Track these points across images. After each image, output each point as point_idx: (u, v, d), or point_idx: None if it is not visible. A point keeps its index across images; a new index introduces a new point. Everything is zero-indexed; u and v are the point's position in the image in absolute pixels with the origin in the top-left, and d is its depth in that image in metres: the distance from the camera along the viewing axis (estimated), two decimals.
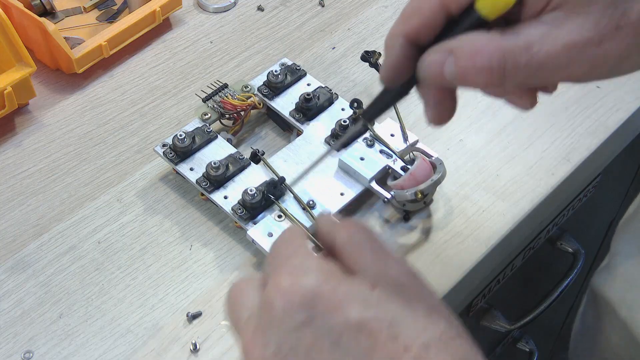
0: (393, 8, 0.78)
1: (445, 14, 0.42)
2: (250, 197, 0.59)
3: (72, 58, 0.68)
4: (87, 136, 0.68)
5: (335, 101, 0.66)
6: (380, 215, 0.62)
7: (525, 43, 0.41)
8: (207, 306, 0.58)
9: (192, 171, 0.62)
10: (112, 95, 0.71)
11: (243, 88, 0.67)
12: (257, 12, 0.78)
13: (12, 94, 0.65)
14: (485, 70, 0.41)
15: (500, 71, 0.41)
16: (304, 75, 0.68)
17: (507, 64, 0.41)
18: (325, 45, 0.75)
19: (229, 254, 0.60)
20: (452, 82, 0.42)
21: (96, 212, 0.63)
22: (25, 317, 0.57)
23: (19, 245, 0.61)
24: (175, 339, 0.56)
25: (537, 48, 0.41)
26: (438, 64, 0.42)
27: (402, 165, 0.61)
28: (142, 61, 0.74)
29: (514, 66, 0.41)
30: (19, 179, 0.65)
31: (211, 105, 0.65)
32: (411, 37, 0.43)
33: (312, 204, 0.59)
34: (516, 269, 0.78)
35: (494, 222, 0.62)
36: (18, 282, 0.59)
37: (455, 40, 0.42)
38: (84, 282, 0.59)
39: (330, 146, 0.64)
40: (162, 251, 0.61)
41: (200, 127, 0.64)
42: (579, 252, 0.89)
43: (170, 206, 0.63)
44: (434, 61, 0.42)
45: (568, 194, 0.76)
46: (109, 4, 0.78)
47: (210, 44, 0.75)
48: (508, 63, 0.41)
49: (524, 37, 0.41)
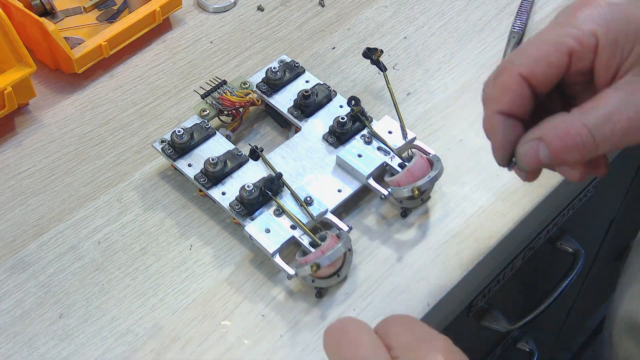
0: (393, 8, 0.78)
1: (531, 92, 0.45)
2: (247, 193, 0.59)
3: (72, 58, 0.68)
4: (87, 136, 0.68)
5: (333, 98, 0.67)
6: (378, 212, 0.62)
7: (605, 114, 0.43)
8: (207, 306, 0.58)
9: (190, 167, 0.62)
10: (112, 95, 0.71)
11: (242, 85, 0.67)
12: (257, 12, 0.78)
13: (12, 94, 0.65)
14: (578, 148, 0.43)
15: (591, 145, 0.43)
16: (302, 72, 0.68)
17: (595, 138, 0.43)
18: (325, 45, 0.75)
19: (229, 253, 0.60)
20: (549, 165, 0.44)
21: (96, 212, 0.63)
22: (25, 317, 0.57)
23: (19, 245, 0.61)
24: (175, 339, 0.56)
25: (617, 117, 0.43)
26: (533, 153, 0.44)
27: (400, 162, 0.61)
28: (142, 61, 0.74)
29: (602, 138, 0.43)
30: (19, 179, 0.65)
31: (210, 101, 0.65)
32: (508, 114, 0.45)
33: (309, 201, 0.59)
34: (516, 269, 0.78)
35: (494, 222, 0.62)
36: (18, 282, 0.59)
37: (541, 127, 0.44)
38: (84, 282, 0.59)
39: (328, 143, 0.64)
40: (162, 251, 0.61)
41: (198, 124, 0.64)
42: (579, 252, 0.89)
43: (170, 206, 0.63)
44: (527, 152, 0.44)
45: (568, 194, 0.76)
46: (109, 4, 0.78)
47: (210, 44, 0.75)
48: (596, 137, 0.43)
49: (603, 108, 0.43)
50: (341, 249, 0.56)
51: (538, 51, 0.44)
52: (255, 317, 0.57)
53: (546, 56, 0.44)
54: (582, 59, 0.44)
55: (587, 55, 0.44)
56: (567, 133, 0.43)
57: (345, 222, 0.60)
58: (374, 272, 0.59)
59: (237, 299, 0.58)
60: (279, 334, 0.56)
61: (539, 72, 0.44)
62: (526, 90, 0.45)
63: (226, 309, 0.57)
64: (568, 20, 0.44)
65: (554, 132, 0.44)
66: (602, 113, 0.43)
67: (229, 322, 0.57)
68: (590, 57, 0.44)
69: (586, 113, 0.43)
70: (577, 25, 0.44)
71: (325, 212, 0.59)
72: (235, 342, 0.56)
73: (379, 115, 0.67)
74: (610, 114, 0.43)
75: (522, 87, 0.44)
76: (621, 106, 0.43)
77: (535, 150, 0.44)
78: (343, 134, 0.64)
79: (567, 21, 0.44)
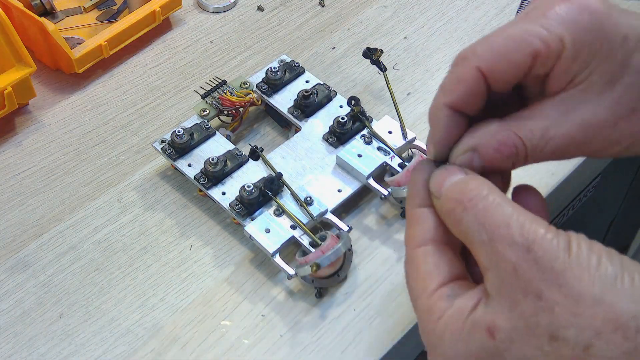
0: (393, 8, 0.78)
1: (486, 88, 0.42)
2: (247, 193, 0.59)
3: (72, 58, 0.68)
4: (87, 136, 0.68)
5: (333, 98, 0.67)
6: (378, 212, 0.62)
7: (542, 128, 0.41)
8: (207, 306, 0.58)
9: (190, 167, 0.62)
10: (112, 95, 0.71)
11: (242, 85, 0.67)
12: (257, 12, 0.78)
13: (12, 94, 0.65)
14: (510, 158, 0.41)
15: (523, 156, 0.41)
16: (302, 72, 0.68)
17: (528, 150, 0.41)
18: (325, 45, 0.75)
19: (229, 253, 0.60)
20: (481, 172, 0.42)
21: (96, 212, 0.63)
22: (25, 317, 0.57)
23: (19, 245, 0.61)
24: (175, 339, 0.56)
25: (553, 132, 0.41)
26: (467, 162, 0.42)
27: (400, 162, 0.61)
28: (142, 61, 0.74)
29: (534, 150, 0.41)
30: (19, 179, 0.65)
31: (210, 101, 0.65)
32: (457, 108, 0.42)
33: (309, 201, 0.59)
34: None
35: None
36: (18, 282, 0.59)
37: (476, 135, 0.42)
38: (84, 282, 0.59)
39: (328, 143, 0.64)
40: (162, 251, 0.61)
41: (198, 124, 0.64)
42: None
43: (170, 206, 0.63)
44: (462, 161, 0.42)
45: (568, 194, 0.76)
46: (109, 4, 0.78)
47: (210, 44, 0.75)
48: (529, 149, 0.41)
49: (540, 119, 0.41)
50: (341, 249, 0.56)
51: (502, 47, 0.41)
52: (255, 317, 0.57)
53: (509, 53, 0.40)
54: (544, 65, 0.41)
55: (550, 61, 0.41)
56: (503, 144, 0.41)
57: (345, 222, 0.60)
58: (374, 272, 0.59)
59: (237, 299, 0.58)
60: (279, 334, 0.56)
61: (499, 69, 0.41)
62: (481, 87, 0.41)
63: (226, 309, 0.57)
64: (539, 17, 0.41)
65: (488, 142, 0.41)
66: (539, 126, 0.41)
67: (229, 322, 0.57)
68: (552, 63, 0.41)
69: (522, 124, 0.41)
70: (547, 25, 0.40)
71: (325, 212, 0.59)
72: (235, 342, 0.56)
73: (379, 115, 0.67)
74: (547, 128, 0.41)
75: (478, 83, 0.41)
76: (559, 121, 0.41)
77: (470, 161, 0.42)
78: (343, 134, 0.64)
79: (538, 18, 0.41)
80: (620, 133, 0.41)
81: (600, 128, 0.41)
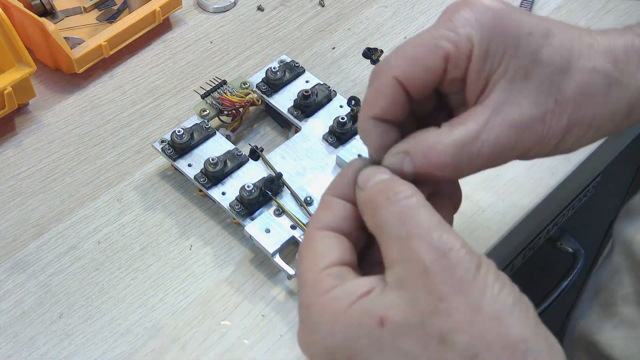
0: (393, 8, 0.78)
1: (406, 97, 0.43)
2: (247, 193, 0.59)
3: (72, 58, 0.68)
4: (87, 136, 0.68)
5: (333, 98, 0.67)
6: None
7: (473, 132, 0.41)
8: (207, 306, 0.58)
9: (190, 167, 0.62)
10: (112, 95, 0.71)
11: (242, 85, 0.67)
12: (257, 12, 0.78)
13: (12, 94, 0.65)
14: (442, 165, 0.42)
15: (456, 164, 0.42)
16: (302, 72, 0.68)
17: (460, 157, 0.41)
18: (325, 45, 0.75)
19: (229, 253, 0.60)
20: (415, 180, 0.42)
21: (96, 212, 0.63)
22: (25, 317, 0.57)
23: (19, 245, 0.61)
24: (175, 339, 0.56)
25: (485, 135, 0.41)
26: (398, 166, 0.42)
27: None
28: (142, 61, 0.74)
29: (468, 157, 0.41)
30: (19, 179, 0.65)
31: (210, 101, 0.65)
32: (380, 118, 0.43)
33: (309, 201, 0.59)
34: (516, 269, 0.78)
35: (494, 222, 0.62)
36: (18, 282, 0.59)
37: (409, 140, 0.43)
38: (84, 282, 0.59)
39: (328, 143, 0.64)
40: (162, 251, 0.61)
41: (198, 124, 0.64)
42: (579, 252, 0.89)
43: (170, 206, 0.63)
44: (393, 164, 0.43)
45: (568, 194, 0.76)
46: (109, 4, 0.78)
47: (210, 44, 0.75)
48: (462, 155, 0.41)
49: (471, 126, 0.42)
50: None
51: (414, 53, 0.42)
52: (255, 317, 0.57)
53: (422, 59, 0.42)
54: (457, 66, 0.42)
55: (462, 61, 0.42)
56: (433, 150, 0.42)
57: None
58: None
59: (237, 299, 0.58)
60: (279, 334, 0.56)
61: (414, 76, 0.42)
62: (401, 96, 0.42)
63: (226, 309, 0.57)
64: (446, 22, 0.43)
65: (420, 147, 0.42)
66: (470, 131, 0.41)
67: (229, 322, 0.57)
68: (464, 64, 0.42)
69: (454, 130, 0.42)
70: (455, 27, 0.42)
71: None
72: (235, 342, 0.56)
73: None
74: (478, 132, 0.41)
75: (397, 91, 0.42)
76: (489, 124, 0.41)
77: (401, 164, 0.42)
78: (343, 134, 0.64)
79: (445, 23, 0.43)
80: (549, 128, 0.42)
81: (531, 124, 0.42)
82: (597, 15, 0.77)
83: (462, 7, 0.43)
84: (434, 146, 0.42)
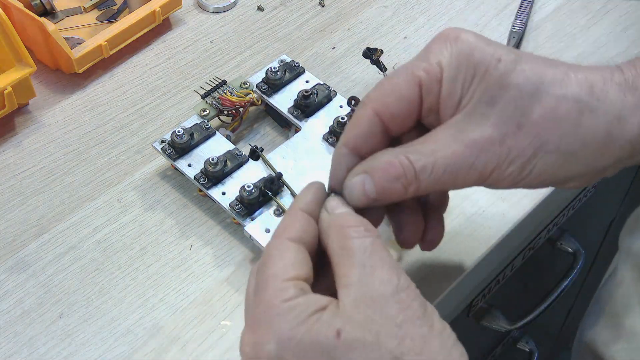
0: (393, 8, 0.78)
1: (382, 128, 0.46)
2: (247, 193, 0.59)
3: (72, 58, 0.69)
4: (87, 136, 0.68)
5: (333, 98, 0.67)
6: None
7: (431, 149, 0.44)
8: (207, 306, 0.58)
9: (190, 167, 0.62)
10: (112, 95, 0.71)
11: (242, 85, 0.67)
12: (257, 12, 0.78)
13: (12, 94, 0.65)
14: (399, 178, 0.44)
15: (412, 178, 0.44)
16: (302, 72, 0.68)
17: (416, 170, 0.43)
18: (325, 45, 0.75)
19: (229, 253, 0.60)
20: (375, 200, 0.45)
21: (96, 212, 0.63)
22: (25, 317, 0.57)
23: (19, 245, 0.61)
24: (175, 339, 0.56)
25: (441, 153, 0.43)
26: (359, 187, 0.44)
27: None
28: (142, 61, 0.74)
29: (423, 170, 0.43)
30: (19, 179, 0.65)
31: (210, 101, 0.65)
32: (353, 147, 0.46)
33: None
34: (516, 269, 0.78)
35: (494, 222, 0.62)
36: (18, 282, 0.59)
37: (368, 161, 0.45)
38: (84, 282, 0.59)
39: (328, 143, 0.64)
40: (162, 251, 0.61)
41: (198, 124, 0.64)
42: (579, 252, 0.89)
43: (170, 206, 0.63)
44: (354, 185, 0.45)
45: (568, 194, 0.76)
46: (109, 4, 0.78)
47: (210, 44, 0.75)
48: (417, 169, 0.43)
49: (430, 143, 0.44)
50: None
51: (390, 85, 0.45)
52: None
53: (398, 89, 0.45)
54: (430, 92, 0.45)
55: (434, 86, 0.44)
56: (390, 164, 0.44)
57: None
58: None
59: (237, 299, 0.58)
60: None
61: (391, 105, 0.45)
62: (376, 127, 0.45)
63: (226, 309, 0.57)
64: (420, 56, 0.46)
65: (378, 164, 0.44)
66: (427, 149, 0.44)
67: (229, 322, 0.57)
68: (436, 88, 0.44)
69: (411, 147, 0.44)
70: (427, 58, 0.45)
71: None
72: (235, 342, 0.56)
73: None
74: (434, 150, 0.43)
75: (373, 123, 0.45)
76: (446, 144, 0.43)
77: (362, 184, 0.44)
78: None
79: (419, 57, 0.46)
80: (509, 150, 0.43)
81: (488, 145, 0.43)
82: (597, 15, 0.77)
83: (436, 41, 0.45)
84: (391, 161, 0.44)
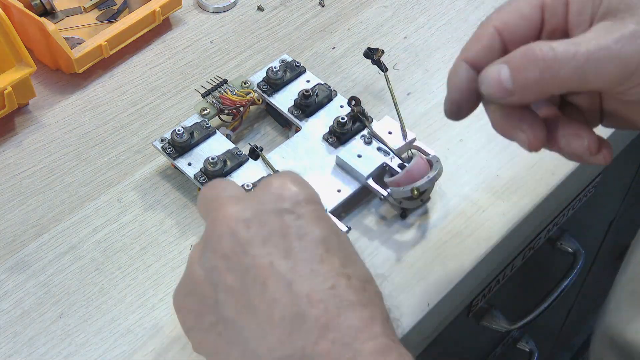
0: (393, 8, 0.78)
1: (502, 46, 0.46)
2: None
3: (72, 58, 0.69)
4: (87, 136, 0.68)
5: (334, 98, 0.67)
6: (377, 213, 0.62)
7: (574, 41, 0.43)
8: None
9: (190, 166, 0.62)
10: (112, 95, 0.71)
11: (242, 84, 0.67)
12: (257, 12, 0.78)
13: (12, 94, 0.65)
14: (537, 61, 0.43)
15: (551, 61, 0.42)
16: (303, 71, 0.68)
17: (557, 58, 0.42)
18: (326, 45, 0.75)
19: None
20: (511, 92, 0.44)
21: (96, 212, 0.63)
22: (25, 317, 0.57)
23: (19, 245, 0.61)
24: (175, 339, 0.56)
25: (585, 43, 0.42)
26: (494, 73, 0.44)
27: (399, 162, 0.61)
28: (142, 61, 0.74)
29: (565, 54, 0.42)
30: (19, 179, 0.65)
31: (210, 100, 0.66)
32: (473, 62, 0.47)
33: None
34: (516, 269, 0.78)
35: (494, 222, 0.62)
36: (18, 282, 0.59)
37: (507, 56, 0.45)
38: (84, 282, 0.59)
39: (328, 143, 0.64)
40: (162, 251, 0.61)
41: (199, 123, 0.64)
42: (579, 252, 0.89)
43: (170, 206, 0.63)
44: (490, 74, 0.44)
45: (568, 194, 0.76)
46: (109, 4, 0.78)
47: (210, 44, 0.75)
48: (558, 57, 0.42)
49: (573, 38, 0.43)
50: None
51: (513, 6, 0.46)
52: None
53: (520, 10, 0.46)
54: (554, 14, 0.45)
55: (558, 8, 0.45)
56: (528, 48, 0.43)
57: (344, 222, 0.60)
58: (373, 272, 0.59)
59: None
60: None
61: (511, 23, 0.46)
62: (496, 42, 0.46)
63: None
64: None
65: (519, 52, 0.44)
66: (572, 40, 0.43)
67: None
68: (562, 10, 0.45)
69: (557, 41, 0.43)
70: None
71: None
72: None
73: (379, 116, 0.67)
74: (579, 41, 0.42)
75: (493, 38, 0.46)
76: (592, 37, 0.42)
77: (498, 72, 0.44)
78: (343, 134, 0.64)
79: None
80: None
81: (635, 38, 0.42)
82: None
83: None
84: (532, 47, 0.43)
